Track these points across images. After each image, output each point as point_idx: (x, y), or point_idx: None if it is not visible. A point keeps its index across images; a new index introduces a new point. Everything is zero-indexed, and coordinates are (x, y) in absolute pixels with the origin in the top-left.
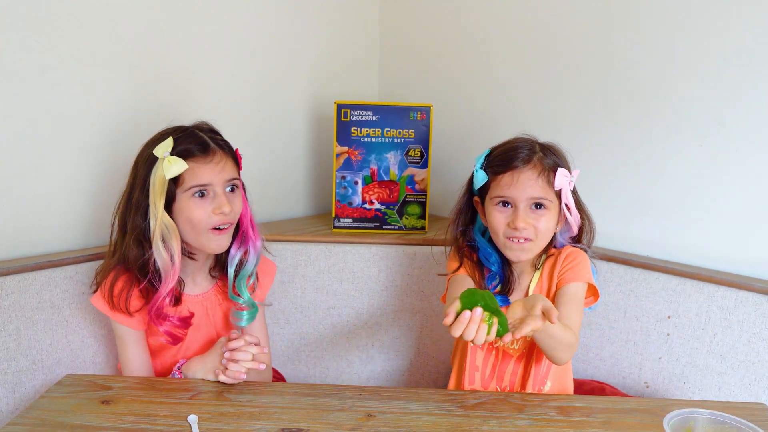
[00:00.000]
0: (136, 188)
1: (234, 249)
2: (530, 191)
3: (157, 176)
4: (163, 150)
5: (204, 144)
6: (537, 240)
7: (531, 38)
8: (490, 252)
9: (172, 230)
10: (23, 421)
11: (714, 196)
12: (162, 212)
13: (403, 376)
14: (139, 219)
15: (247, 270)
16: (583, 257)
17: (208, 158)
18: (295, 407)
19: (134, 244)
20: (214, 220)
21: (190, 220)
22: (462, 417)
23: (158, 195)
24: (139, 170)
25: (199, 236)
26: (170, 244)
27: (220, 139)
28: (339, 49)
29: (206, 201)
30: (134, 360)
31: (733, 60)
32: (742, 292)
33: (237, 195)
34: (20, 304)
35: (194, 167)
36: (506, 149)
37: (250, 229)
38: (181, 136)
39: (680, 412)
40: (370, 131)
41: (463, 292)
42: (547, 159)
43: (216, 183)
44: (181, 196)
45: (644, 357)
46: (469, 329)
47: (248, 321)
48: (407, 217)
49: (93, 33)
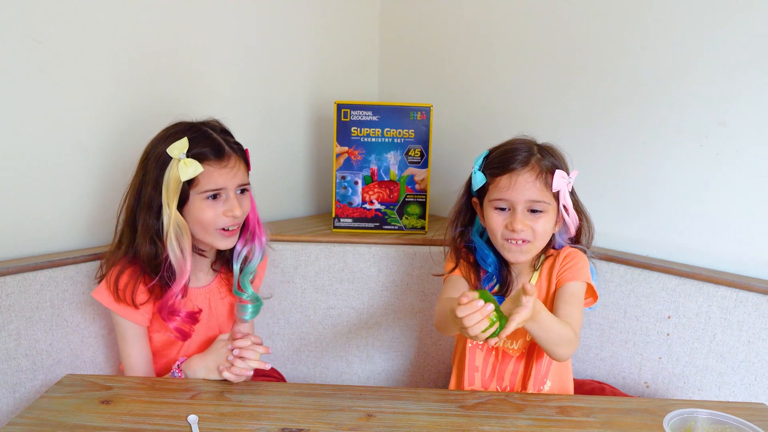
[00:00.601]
0: (147, 185)
1: (240, 245)
2: (528, 194)
3: (171, 176)
4: (178, 151)
5: (219, 148)
6: (535, 241)
7: (531, 38)
8: (487, 253)
9: (185, 229)
10: (23, 421)
11: (714, 196)
12: (175, 212)
13: (403, 376)
14: (152, 218)
15: (252, 266)
16: (582, 257)
17: (222, 162)
18: (295, 407)
19: (147, 242)
20: (225, 221)
21: (201, 221)
22: (462, 417)
23: (172, 195)
24: (150, 167)
25: (208, 235)
26: (183, 243)
27: (233, 142)
28: (339, 49)
29: (218, 203)
30: (137, 356)
31: (733, 60)
32: (742, 292)
33: (246, 196)
34: (20, 304)
35: (210, 171)
36: (504, 151)
37: (257, 226)
38: (196, 137)
39: (680, 412)
40: (370, 131)
41: (481, 290)
42: (544, 161)
43: (229, 187)
44: (194, 198)
45: (644, 357)
46: (473, 317)
47: (253, 314)
48: (407, 217)
49: (93, 33)
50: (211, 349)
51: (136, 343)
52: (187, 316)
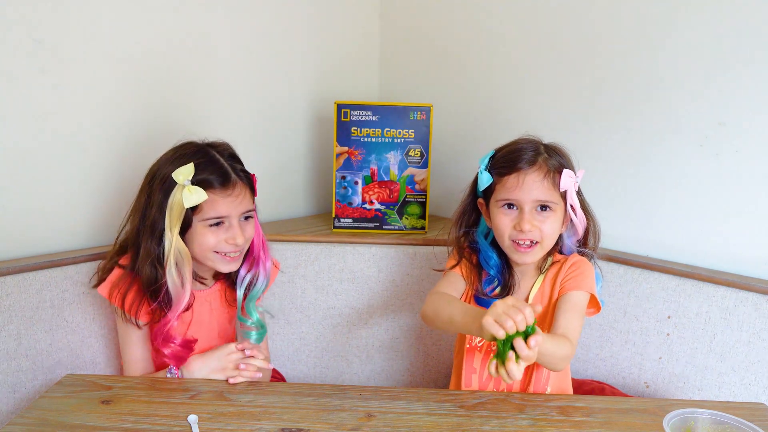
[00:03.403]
0: (152, 207)
1: (244, 270)
2: (536, 193)
3: (175, 201)
4: (183, 177)
5: (225, 175)
6: (543, 242)
7: (531, 38)
8: (490, 255)
9: (186, 256)
10: (23, 421)
11: (714, 196)
12: (177, 238)
13: (403, 376)
14: (154, 244)
15: (257, 291)
16: (588, 267)
17: (227, 191)
18: (295, 407)
19: (149, 266)
20: (226, 248)
21: (202, 246)
22: (462, 417)
23: (175, 220)
24: (155, 188)
25: (209, 259)
26: (183, 270)
27: (240, 169)
28: (339, 48)
29: (221, 230)
30: (138, 355)
31: (733, 60)
32: (742, 292)
33: (250, 222)
34: (20, 304)
35: (214, 199)
36: (511, 150)
37: (261, 251)
38: (203, 162)
39: (680, 412)
40: (370, 131)
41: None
42: (551, 160)
43: (233, 215)
44: (197, 224)
45: (644, 357)
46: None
47: (257, 341)
48: (407, 217)
49: (94, 33)
50: (214, 352)
51: (139, 344)
52: (182, 344)
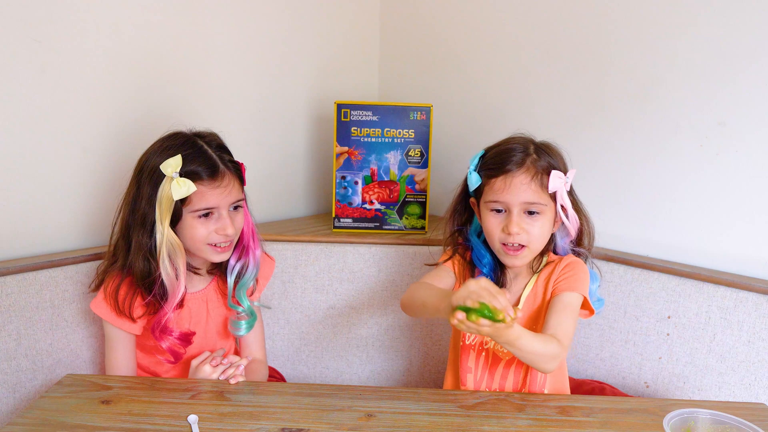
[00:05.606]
0: (141, 200)
1: (233, 260)
2: (523, 196)
3: (164, 194)
4: (171, 169)
5: (213, 166)
6: (531, 245)
7: (531, 38)
8: (483, 253)
9: (178, 248)
10: (23, 421)
11: (714, 196)
12: (168, 230)
13: (403, 376)
14: (146, 237)
15: (247, 279)
16: (583, 269)
17: (216, 182)
18: (295, 407)
19: (141, 260)
20: (216, 239)
21: (193, 238)
22: (462, 417)
23: (165, 213)
24: (144, 181)
25: (200, 250)
26: (176, 261)
27: (228, 159)
28: (339, 49)
29: (210, 221)
30: (121, 360)
31: (733, 60)
32: (742, 292)
33: (240, 212)
34: (20, 304)
35: (202, 190)
36: (499, 152)
37: (251, 240)
38: (190, 153)
39: (680, 412)
40: (370, 131)
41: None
42: (540, 161)
43: (222, 206)
44: (187, 215)
45: (644, 357)
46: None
47: (247, 330)
48: (407, 217)
49: (94, 33)
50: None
51: (125, 350)
52: (180, 337)
